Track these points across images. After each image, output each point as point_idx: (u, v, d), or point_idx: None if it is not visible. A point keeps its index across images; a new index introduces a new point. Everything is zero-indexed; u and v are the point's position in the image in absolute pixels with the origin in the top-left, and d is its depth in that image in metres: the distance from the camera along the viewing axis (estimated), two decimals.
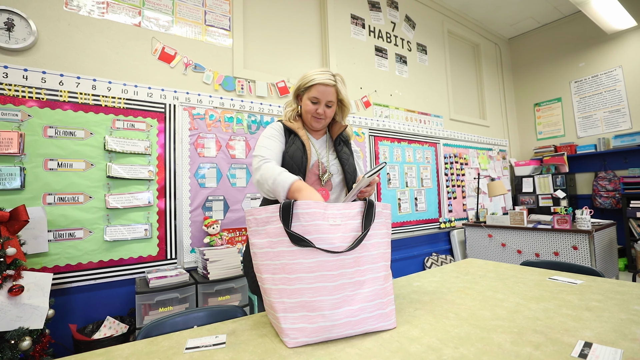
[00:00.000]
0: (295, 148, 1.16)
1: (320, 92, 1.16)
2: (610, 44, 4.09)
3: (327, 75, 1.16)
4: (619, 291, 1.04)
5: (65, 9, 1.83)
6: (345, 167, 1.22)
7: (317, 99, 1.17)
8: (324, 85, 1.15)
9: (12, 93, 1.66)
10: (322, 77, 1.15)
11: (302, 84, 1.19)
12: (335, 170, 1.23)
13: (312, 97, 1.17)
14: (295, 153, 1.15)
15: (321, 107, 1.18)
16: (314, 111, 1.18)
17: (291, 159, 1.15)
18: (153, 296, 1.65)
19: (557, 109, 4.58)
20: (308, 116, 1.21)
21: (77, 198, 1.76)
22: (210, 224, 2.06)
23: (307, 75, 1.19)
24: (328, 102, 1.18)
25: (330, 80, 1.16)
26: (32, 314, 1.31)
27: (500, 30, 4.83)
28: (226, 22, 2.40)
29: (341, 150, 1.25)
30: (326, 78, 1.15)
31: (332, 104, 1.19)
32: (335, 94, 1.18)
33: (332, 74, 1.18)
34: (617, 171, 3.94)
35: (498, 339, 0.74)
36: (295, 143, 1.18)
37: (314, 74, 1.17)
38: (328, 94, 1.16)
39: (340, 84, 1.19)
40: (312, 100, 1.18)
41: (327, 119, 1.22)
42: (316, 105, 1.18)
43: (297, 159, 1.14)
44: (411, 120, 3.53)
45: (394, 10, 3.56)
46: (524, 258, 2.92)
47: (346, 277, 0.81)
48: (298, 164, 1.14)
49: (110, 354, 0.76)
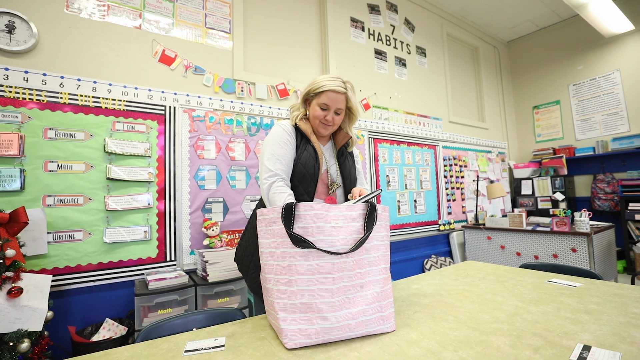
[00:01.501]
0: (308, 155, 1.16)
1: (331, 98, 1.15)
2: (608, 48, 4.11)
3: (338, 82, 1.16)
4: (617, 294, 1.04)
5: (66, 11, 1.84)
6: (346, 179, 1.23)
7: (326, 105, 1.15)
8: (334, 92, 1.14)
9: (13, 95, 1.66)
10: (333, 83, 1.15)
11: (312, 88, 1.18)
12: (340, 182, 1.23)
13: (322, 103, 1.16)
14: (308, 161, 1.15)
15: (330, 114, 1.17)
16: (322, 117, 1.17)
17: (304, 167, 1.14)
18: (152, 298, 1.65)
19: (555, 111, 4.60)
20: (316, 122, 1.19)
21: (77, 200, 1.76)
22: (210, 225, 2.06)
23: (317, 80, 1.18)
24: (337, 109, 1.17)
25: (341, 88, 1.15)
26: (31, 315, 1.31)
27: (499, 34, 4.85)
28: (226, 25, 2.41)
29: (343, 162, 1.25)
30: (337, 85, 1.15)
31: (341, 112, 1.19)
32: (345, 101, 1.18)
33: (343, 81, 1.18)
34: (616, 174, 3.95)
35: (497, 342, 0.74)
36: (307, 150, 1.17)
37: (325, 80, 1.16)
38: (338, 101, 1.16)
39: (350, 92, 1.18)
40: (322, 107, 1.16)
41: (335, 126, 1.21)
42: (325, 112, 1.16)
43: (310, 168, 1.14)
44: (410, 122, 3.54)
45: (394, 13, 3.57)
46: (523, 260, 2.93)
47: (346, 280, 0.82)
48: (310, 173, 1.14)
49: (109, 356, 0.76)
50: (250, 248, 1.23)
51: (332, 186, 1.20)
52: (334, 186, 1.20)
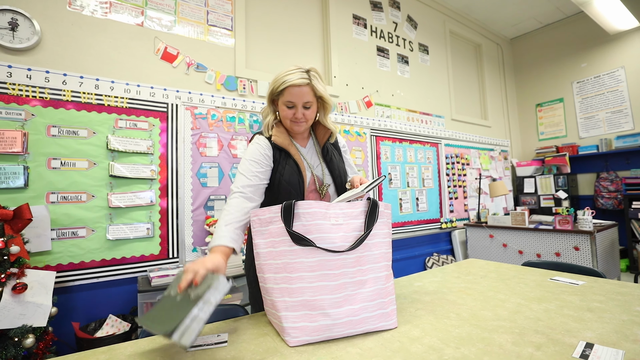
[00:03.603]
0: (291, 171, 1.08)
1: (294, 94, 1.03)
2: (612, 45, 4.07)
3: (297, 75, 1.03)
4: (620, 292, 1.04)
5: (69, 8, 1.84)
6: (336, 177, 1.16)
7: (292, 102, 1.05)
8: (296, 86, 1.02)
9: (16, 92, 1.67)
10: (292, 77, 1.02)
11: (274, 88, 1.06)
12: (329, 181, 1.16)
13: (287, 101, 1.05)
14: (291, 177, 1.07)
15: (299, 111, 1.06)
16: (291, 116, 1.07)
17: (288, 184, 1.06)
18: (155, 295, 1.66)
19: (559, 109, 4.57)
20: (287, 122, 1.10)
21: (80, 197, 1.77)
22: (212, 223, 2.06)
23: (277, 77, 1.05)
24: (305, 103, 1.05)
25: (303, 80, 1.03)
26: (36, 311, 1.32)
27: (502, 31, 4.82)
28: (228, 22, 2.40)
29: (330, 160, 1.17)
30: (297, 78, 1.02)
31: (311, 104, 1.07)
32: (311, 92, 1.05)
33: (305, 71, 1.05)
34: (619, 172, 3.92)
35: (499, 340, 0.74)
36: (288, 164, 1.09)
37: (284, 75, 1.04)
38: (303, 95, 1.04)
39: (315, 80, 1.05)
40: (288, 105, 1.06)
41: (308, 121, 1.10)
42: (293, 110, 1.06)
43: (294, 184, 1.07)
44: (413, 120, 3.53)
45: (396, 10, 3.55)
46: (525, 259, 2.92)
47: (348, 277, 0.82)
48: (296, 189, 1.07)
49: (113, 351, 0.76)
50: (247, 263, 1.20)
51: (322, 188, 1.13)
52: (324, 188, 1.13)
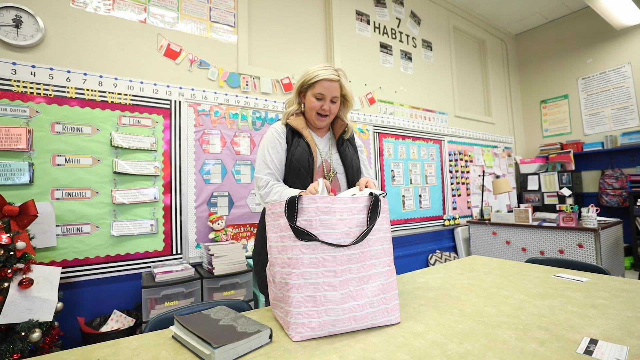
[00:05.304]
0: (302, 150, 1.16)
1: (325, 87, 1.15)
2: (619, 40, 4.02)
3: (330, 71, 1.16)
4: (625, 289, 1.03)
5: (72, 5, 1.85)
6: (347, 167, 1.23)
7: (322, 94, 1.16)
8: (328, 80, 1.15)
9: (21, 89, 1.68)
10: (326, 72, 1.15)
11: (306, 79, 1.18)
12: (340, 170, 1.23)
13: (317, 93, 1.16)
14: (301, 156, 1.16)
15: (326, 103, 1.17)
16: (319, 107, 1.17)
17: (298, 162, 1.15)
18: (159, 290, 1.67)
19: (563, 106, 4.53)
20: (312, 113, 1.20)
21: (85, 193, 1.78)
22: (215, 219, 2.07)
23: (310, 71, 1.18)
24: (333, 97, 1.17)
25: (335, 76, 1.15)
26: (42, 306, 1.34)
27: (506, 26, 4.77)
28: (231, 19, 2.40)
29: (344, 151, 1.25)
30: (330, 73, 1.15)
31: (337, 100, 1.19)
32: (339, 89, 1.18)
33: (335, 69, 1.18)
34: (624, 169, 3.89)
35: (503, 335, 0.74)
36: (300, 145, 1.18)
37: (318, 70, 1.16)
38: (333, 90, 1.16)
39: (343, 79, 1.19)
40: (317, 97, 1.17)
41: (332, 115, 1.22)
42: (321, 102, 1.17)
43: (304, 162, 1.15)
44: (416, 117, 3.51)
45: (399, 6, 3.53)
46: (528, 256, 2.91)
47: (352, 272, 0.82)
48: (305, 167, 1.15)
49: (118, 345, 0.77)
50: (257, 247, 1.24)
51: (330, 174, 1.20)
52: (332, 174, 1.20)
